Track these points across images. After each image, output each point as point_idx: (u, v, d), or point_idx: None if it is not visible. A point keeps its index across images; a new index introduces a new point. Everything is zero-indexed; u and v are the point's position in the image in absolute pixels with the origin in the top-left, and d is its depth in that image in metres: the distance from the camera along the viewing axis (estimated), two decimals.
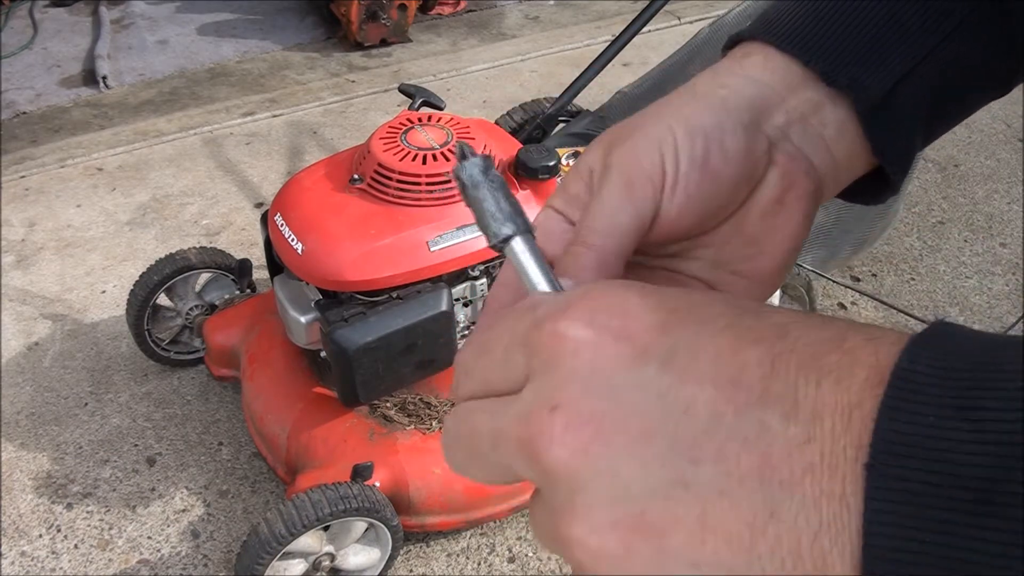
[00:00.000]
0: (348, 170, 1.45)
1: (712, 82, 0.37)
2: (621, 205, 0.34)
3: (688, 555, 0.24)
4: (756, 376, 0.24)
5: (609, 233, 0.34)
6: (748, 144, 0.35)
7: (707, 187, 0.35)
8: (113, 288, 2.22)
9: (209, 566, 1.60)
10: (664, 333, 0.26)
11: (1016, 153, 2.89)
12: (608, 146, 0.36)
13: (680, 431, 0.24)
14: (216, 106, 3.08)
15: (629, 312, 0.26)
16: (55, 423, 1.87)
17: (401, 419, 1.55)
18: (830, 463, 0.23)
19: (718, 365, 0.25)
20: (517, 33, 3.70)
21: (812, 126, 0.37)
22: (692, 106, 0.36)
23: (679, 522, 0.24)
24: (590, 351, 0.26)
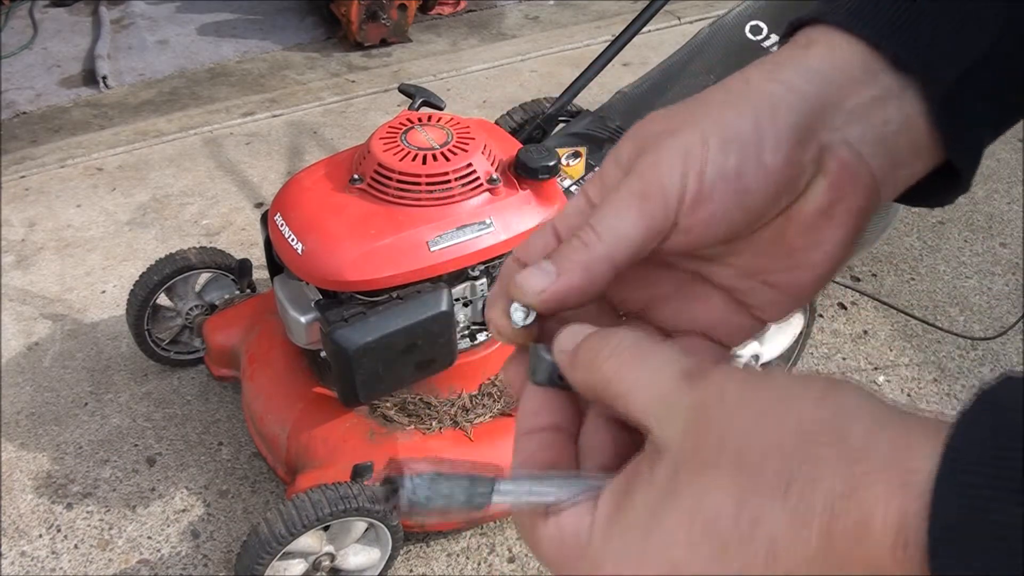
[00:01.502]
0: (348, 170, 1.45)
1: (767, 76, 0.34)
2: (628, 215, 0.33)
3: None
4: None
5: (607, 239, 0.33)
6: (792, 155, 0.32)
7: (738, 202, 0.32)
8: (113, 288, 2.22)
9: (209, 566, 1.60)
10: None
11: (1016, 153, 2.89)
12: (640, 143, 0.34)
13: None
14: (216, 106, 3.08)
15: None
16: (55, 423, 1.87)
17: (401, 419, 1.55)
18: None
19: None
20: (517, 33, 3.70)
21: (875, 124, 0.33)
22: (735, 109, 0.33)
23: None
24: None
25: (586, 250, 0.33)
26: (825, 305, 2.22)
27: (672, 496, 0.27)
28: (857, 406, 0.25)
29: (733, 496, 0.25)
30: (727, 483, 0.26)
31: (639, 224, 0.32)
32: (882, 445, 0.24)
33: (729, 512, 0.25)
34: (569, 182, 1.76)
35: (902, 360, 2.09)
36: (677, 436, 0.27)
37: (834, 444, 0.24)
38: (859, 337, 2.15)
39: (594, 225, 0.33)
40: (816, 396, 0.26)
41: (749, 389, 0.27)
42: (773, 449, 0.25)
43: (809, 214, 0.34)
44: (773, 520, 0.25)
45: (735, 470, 0.26)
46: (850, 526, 0.24)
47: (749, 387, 0.27)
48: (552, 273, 0.33)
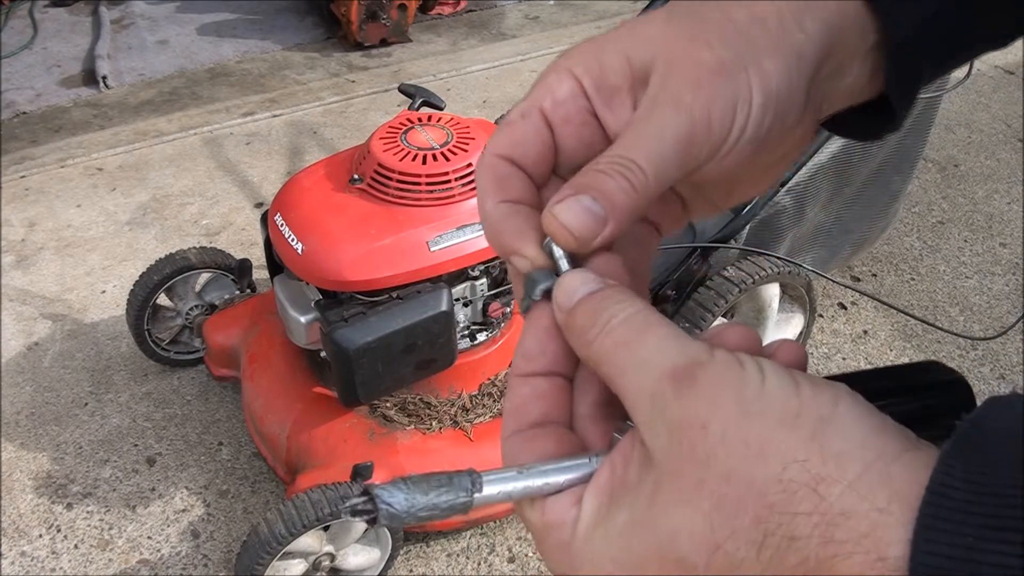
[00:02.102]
0: (348, 170, 1.45)
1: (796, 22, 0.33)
2: (674, 157, 0.31)
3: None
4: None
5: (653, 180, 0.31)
6: (803, 116, 0.33)
7: (754, 156, 0.33)
8: (113, 288, 2.22)
9: (209, 566, 1.60)
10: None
11: (1016, 153, 2.89)
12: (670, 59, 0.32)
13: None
14: (216, 106, 3.08)
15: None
16: (55, 423, 1.87)
17: (401, 419, 1.55)
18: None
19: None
20: (517, 33, 3.70)
21: (843, 75, 0.35)
22: (773, 58, 0.32)
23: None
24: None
25: (635, 194, 0.31)
26: (825, 305, 2.22)
27: (650, 519, 0.27)
28: (845, 454, 0.25)
29: (708, 539, 0.25)
30: (703, 524, 0.25)
31: (682, 167, 0.32)
32: (863, 515, 0.24)
33: (701, 554, 0.25)
34: None
35: (902, 360, 2.09)
36: (662, 449, 0.27)
37: (814, 504, 0.24)
38: (859, 337, 2.15)
39: (639, 162, 0.31)
40: (805, 437, 0.25)
41: (736, 418, 0.26)
42: (753, 496, 0.25)
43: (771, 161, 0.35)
44: (746, 570, 0.25)
45: (713, 509, 0.25)
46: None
47: (735, 415, 0.26)
48: (601, 217, 0.31)
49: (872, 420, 0.25)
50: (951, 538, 0.22)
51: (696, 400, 0.26)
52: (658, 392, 0.27)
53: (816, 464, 0.24)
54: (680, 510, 0.26)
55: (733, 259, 1.74)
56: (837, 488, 0.24)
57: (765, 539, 0.24)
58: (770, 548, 0.24)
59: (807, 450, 0.25)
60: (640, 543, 0.27)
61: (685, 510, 0.26)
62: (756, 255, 1.72)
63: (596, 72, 0.33)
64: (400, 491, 0.28)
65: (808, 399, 0.26)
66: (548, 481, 0.30)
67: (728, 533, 0.25)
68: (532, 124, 0.34)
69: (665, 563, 0.26)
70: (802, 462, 0.24)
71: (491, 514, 1.57)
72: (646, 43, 0.33)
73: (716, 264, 1.72)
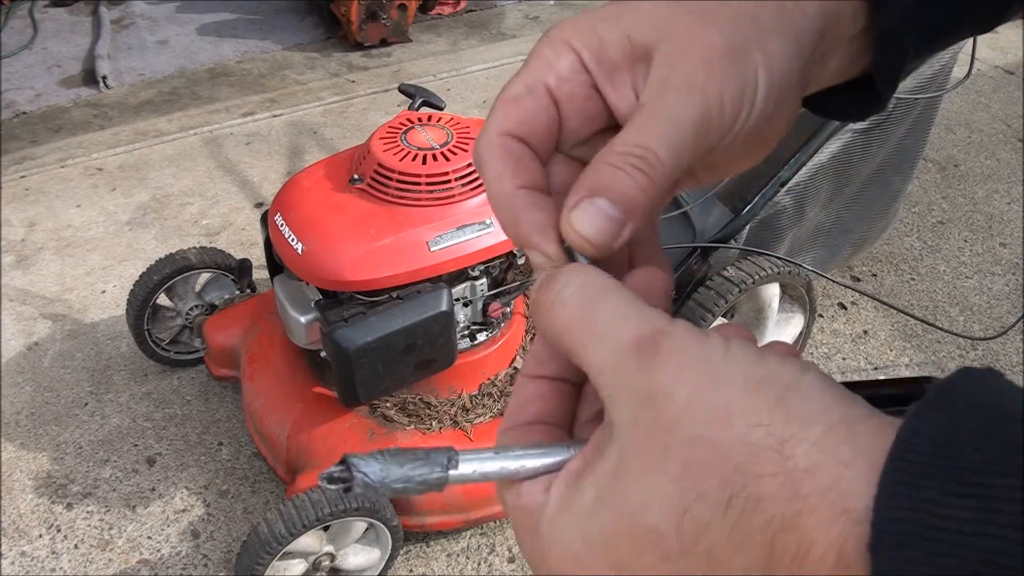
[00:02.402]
0: (348, 170, 1.45)
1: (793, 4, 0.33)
2: (686, 145, 0.30)
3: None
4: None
5: (667, 171, 0.30)
6: (799, 99, 0.33)
7: (750, 140, 0.32)
8: (113, 288, 2.22)
9: (209, 566, 1.60)
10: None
11: (1016, 153, 2.89)
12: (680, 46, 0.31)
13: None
14: (216, 106, 3.08)
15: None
16: (55, 423, 1.87)
17: (401, 419, 1.55)
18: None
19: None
20: (517, 33, 3.70)
21: (830, 58, 0.35)
22: (777, 41, 0.32)
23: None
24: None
25: (653, 187, 0.30)
26: (825, 305, 2.22)
27: (618, 492, 0.27)
28: (809, 416, 0.25)
29: (676, 503, 0.25)
30: (671, 489, 0.25)
31: (696, 153, 0.31)
32: (827, 469, 0.24)
33: (672, 522, 0.25)
34: None
35: (902, 360, 2.09)
36: (626, 421, 0.27)
37: (778, 464, 0.24)
38: (859, 337, 2.15)
39: (656, 150, 0.30)
40: (771, 402, 0.25)
41: (700, 384, 0.26)
42: (719, 460, 0.25)
43: (761, 140, 0.34)
44: (714, 532, 0.25)
45: (681, 474, 0.25)
46: (791, 548, 0.24)
47: (700, 381, 0.26)
48: (619, 220, 0.30)
49: (838, 390, 0.26)
50: (914, 492, 0.22)
51: (660, 369, 0.26)
52: (621, 364, 0.27)
53: (780, 427, 0.24)
54: (648, 479, 0.26)
55: (733, 259, 1.74)
56: (801, 447, 0.24)
57: (731, 500, 0.24)
58: (736, 509, 0.24)
59: (771, 414, 0.25)
60: (609, 518, 0.27)
61: (653, 478, 0.26)
62: (756, 255, 1.72)
63: (595, 46, 0.32)
64: (376, 462, 0.28)
65: (774, 367, 0.26)
66: (524, 464, 0.30)
67: (695, 496, 0.25)
68: (538, 100, 0.33)
69: (636, 535, 0.26)
70: (766, 426, 0.25)
71: (491, 514, 1.57)
72: (646, 21, 0.32)
73: (716, 264, 1.72)
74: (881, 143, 1.87)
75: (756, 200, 1.72)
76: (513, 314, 1.68)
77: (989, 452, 0.21)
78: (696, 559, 0.25)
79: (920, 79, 1.79)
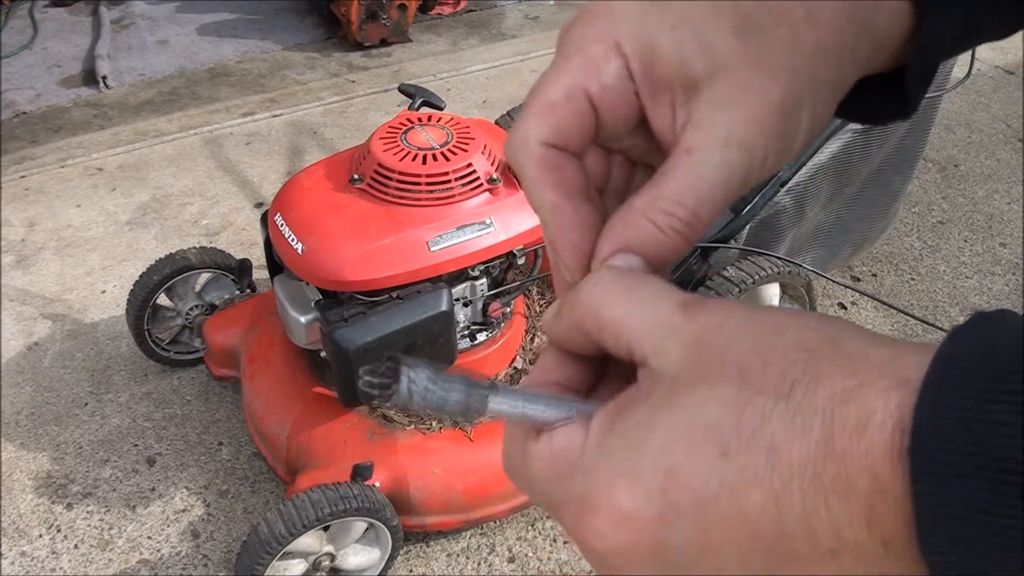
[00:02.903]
0: (348, 170, 1.45)
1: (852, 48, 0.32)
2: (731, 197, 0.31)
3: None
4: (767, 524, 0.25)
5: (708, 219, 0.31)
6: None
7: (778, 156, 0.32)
8: (113, 288, 2.22)
9: (209, 566, 1.60)
10: (666, 526, 0.26)
11: (1016, 153, 2.89)
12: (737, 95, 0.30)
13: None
14: (216, 106, 3.08)
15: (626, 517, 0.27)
16: (55, 423, 1.87)
17: (401, 419, 1.55)
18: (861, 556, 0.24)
19: (728, 529, 0.25)
20: (517, 33, 3.70)
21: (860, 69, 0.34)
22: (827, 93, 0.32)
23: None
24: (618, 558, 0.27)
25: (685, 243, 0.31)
26: (825, 305, 2.22)
27: (669, 407, 0.27)
28: (853, 330, 0.26)
29: (735, 402, 0.25)
30: (729, 392, 0.26)
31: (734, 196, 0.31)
32: (880, 354, 0.25)
33: (730, 417, 0.25)
34: None
35: None
36: (676, 360, 0.27)
37: (835, 353, 0.25)
38: None
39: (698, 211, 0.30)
40: (813, 321, 0.27)
41: (748, 318, 0.27)
42: (776, 358, 0.26)
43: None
44: (774, 422, 0.25)
45: (738, 380, 0.26)
46: (851, 420, 0.24)
47: (748, 316, 0.27)
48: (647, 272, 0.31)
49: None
50: (954, 400, 0.22)
51: (710, 315, 0.28)
52: (669, 322, 0.28)
53: (830, 331, 0.26)
54: (703, 387, 0.26)
55: (733, 259, 1.74)
56: (854, 343, 0.25)
57: (793, 387, 0.25)
58: (798, 393, 0.25)
59: (819, 328, 0.26)
60: (664, 426, 0.26)
61: (709, 384, 0.26)
62: (756, 255, 1.72)
63: (648, 56, 0.31)
64: (426, 371, 0.29)
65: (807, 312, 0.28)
66: (558, 412, 0.30)
67: (755, 391, 0.25)
68: (577, 109, 0.32)
69: (693, 436, 0.26)
70: (816, 329, 0.26)
71: (491, 514, 1.57)
72: (708, 51, 0.31)
73: (716, 264, 1.72)
74: (881, 143, 1.87)
75: (756, 200, 1.72)
76: (513, 314, 1.68)
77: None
78: (756, 453, 0.25)
79: None
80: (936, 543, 0.22)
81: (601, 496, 0.27)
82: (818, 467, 0.24)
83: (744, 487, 0.25)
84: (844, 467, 0.24)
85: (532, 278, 1.62)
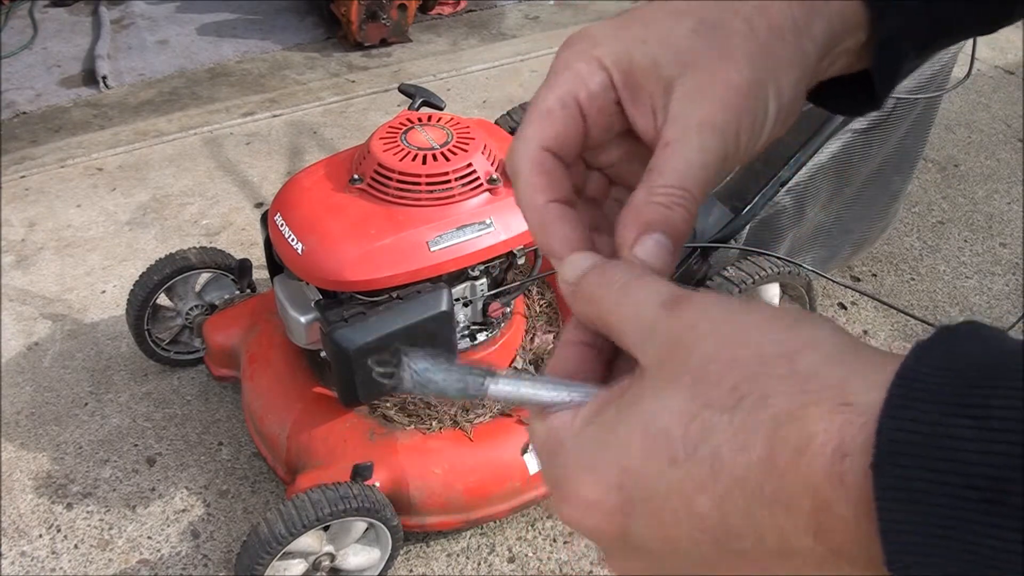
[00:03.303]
0: (348, 170, 1.45)
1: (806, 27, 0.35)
2: (715, 176, 0.34)
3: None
4: (715, 524, 0.27)
5: (702, 196, 0.34)
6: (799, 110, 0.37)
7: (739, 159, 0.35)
8: (113, 288, 2.22)
9: (209, 566, 1.60)
10: (627, 515, 0.29)
11: (1016, 153, 2.89)
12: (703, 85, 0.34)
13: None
14: (216, 106, 3.08)
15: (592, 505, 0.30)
16: (55, 423, 1.87)
17: (401, 419, 1.55)
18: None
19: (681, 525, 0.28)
20: (517, 33, 3.70)
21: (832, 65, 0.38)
22: (789, 73, 0.35)
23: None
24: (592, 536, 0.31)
25: (691, 218, 0.34)
26: (825, 305, 2.22)
27: (635, 407, 0.29)
28: (820, 338, 0.27)
29: (686, 408, 0.27)
30: (684, 396, 0.27)
31: (717, 181, 0.35)
32: (833, 373, 0.26)
33: (680, 425, 0.27)
34: None
35: None
36: (653, 358, 0.30)
37: (788, 369, 0.26)
38: (859, 337, 2.15)
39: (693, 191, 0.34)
40: (785, 326, 0.28)
41: (721, 318, 0.29)
42: (731, 368, 0.27)
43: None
44: (720, 433, 0.26)
45: (693, 384, 0.27)
46: (792, 439, 0.25)
47: (722, 315, 0.29)
48: (672, 249, 0.34)
49: (848, 334, 0.28)
50: (916, 413, 0.23)
51: (686, 313, 0.30)
52: (653, 318, 0.30)
53: (792, 343, 0.27)
54: (663, 391, 0.28)
55: (733, 259, 1.74)
56: (811, 357, 0.26)
57: (740, 402, 0.26)
58: (743, 409, 0.26)
59: (786, 334, 0.27)
60: (625, 426, 0.29)
61: (668, 390, 0.28)
62: (756, 255, 1.72)
63: (625, 67, 0.35)
64: (425, 360, 0.32)
65: (789, 308, 0.30)
66: (558, 394, 0.32)
67: (704, 402, 0.27)
68: (571, 115, 0.36)
69: (646, 441, 0.28)
70: (780, 342, 0.27)
71: (491, 514, 1.57)
72: (669, 49, 0.35)
73: (716, 264, 1.72)
74: (881, 143, 1.87)
75: (756, 200, 1.72)
76: (513, 314, 1.68)
77: (989, 377, 0.23)
78: (700, 464, 0.27)
79: (920, 79, 1.79)
80: (901, 558, 0.23)
81: (570, 484, 0.30)
82: (760, 481, 0.26)
83: (691, 492, 0.27)
84: (785, 485, 0.25)
85: (532, 278, 1.62)
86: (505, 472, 1.53)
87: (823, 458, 0.24)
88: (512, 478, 1.54)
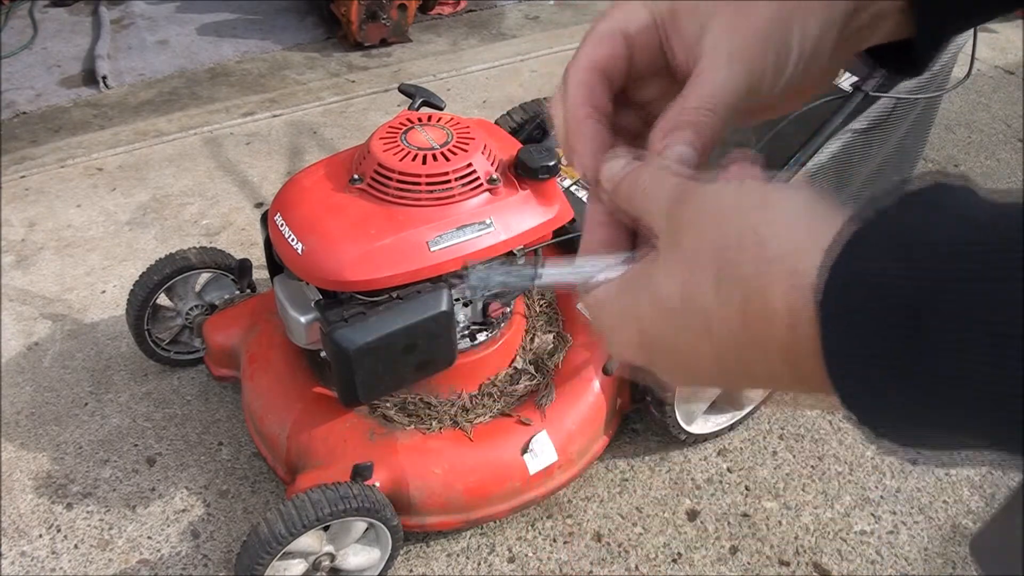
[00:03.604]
0: (348, 170, 1.45)
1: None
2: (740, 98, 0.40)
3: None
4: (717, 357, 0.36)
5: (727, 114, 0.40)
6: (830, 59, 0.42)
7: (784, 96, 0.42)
8: (113, 288, 2.22)
9: (209, 566, 1.60)
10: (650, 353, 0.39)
11: (1016, 153, 2.89)
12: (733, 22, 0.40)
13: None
14: (216, 106, 3.08)
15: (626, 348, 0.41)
16: (55, 423, 1.87)
17: (401, 419, 1.55)
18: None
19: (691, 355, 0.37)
20: (517, 33, 3.70)
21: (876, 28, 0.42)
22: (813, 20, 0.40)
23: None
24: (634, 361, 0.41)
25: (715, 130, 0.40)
26: None
27: (646, 272, 0.38)
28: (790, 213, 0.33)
29: (680, 279, 0.35)
30: (678, 270, 0.35)
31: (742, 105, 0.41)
32: (789, 248, 0.31)
33: (676, 291, 0.35)
34: (569, 182, 1.76)
35: None
36: (663, 242, 0.37)
37: (754, 246, 0.32)
38: None
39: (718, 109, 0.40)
40: (757, 204, 0.34)
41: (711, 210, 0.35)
42: (712, 248, 0.34)
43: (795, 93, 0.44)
44: (705, 295, 0.34)
45: (684, 260, 0.35)
46: (759, 308, 0.32)
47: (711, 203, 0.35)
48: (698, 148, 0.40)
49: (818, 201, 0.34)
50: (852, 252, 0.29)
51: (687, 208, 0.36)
52: (666, 210, 0.38)
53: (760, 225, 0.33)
54: (664, 260, 0.37)
55: None
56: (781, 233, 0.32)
57: (720, 271, 0.33)
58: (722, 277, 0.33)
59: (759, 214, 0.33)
60: (640, 289, 0.38)
61: (667, 257, 0.36)
62: None
63: (668, 9, 0.42)
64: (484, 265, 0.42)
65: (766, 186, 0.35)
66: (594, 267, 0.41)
67: (692, 273, 0.35)
68: (618, 44, 0.44)
69: (653, 298, 0.37)
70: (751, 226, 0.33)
71: (491, 514, 1.57)
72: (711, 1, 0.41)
73: None
74: (881, 143, 1.87)
75: None
76: (513, 314, 1.68)
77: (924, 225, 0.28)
78: (695, 318, 0.35)
79: (920, 79, 1.79)
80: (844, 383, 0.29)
81: (611, 335, 0.41)
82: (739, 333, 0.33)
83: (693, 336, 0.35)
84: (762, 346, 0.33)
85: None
86: (505, 472, 1.53)
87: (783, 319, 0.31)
88: (512, 478, 1.54)
